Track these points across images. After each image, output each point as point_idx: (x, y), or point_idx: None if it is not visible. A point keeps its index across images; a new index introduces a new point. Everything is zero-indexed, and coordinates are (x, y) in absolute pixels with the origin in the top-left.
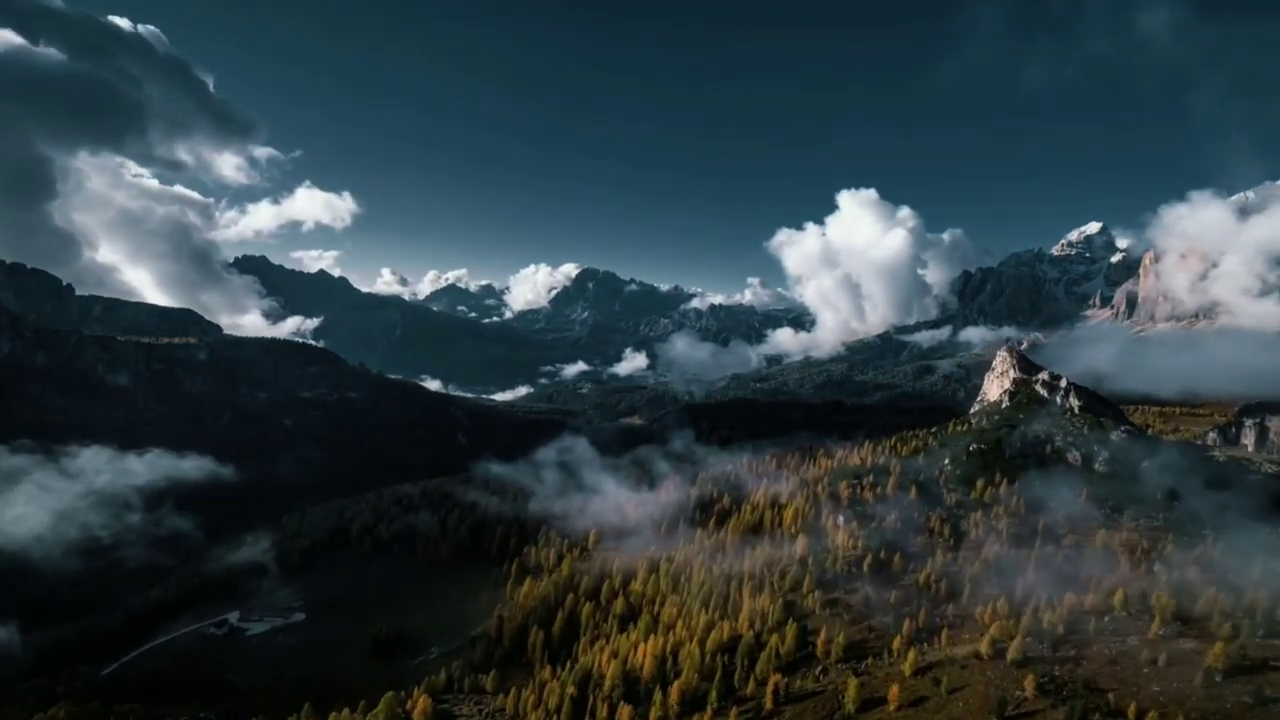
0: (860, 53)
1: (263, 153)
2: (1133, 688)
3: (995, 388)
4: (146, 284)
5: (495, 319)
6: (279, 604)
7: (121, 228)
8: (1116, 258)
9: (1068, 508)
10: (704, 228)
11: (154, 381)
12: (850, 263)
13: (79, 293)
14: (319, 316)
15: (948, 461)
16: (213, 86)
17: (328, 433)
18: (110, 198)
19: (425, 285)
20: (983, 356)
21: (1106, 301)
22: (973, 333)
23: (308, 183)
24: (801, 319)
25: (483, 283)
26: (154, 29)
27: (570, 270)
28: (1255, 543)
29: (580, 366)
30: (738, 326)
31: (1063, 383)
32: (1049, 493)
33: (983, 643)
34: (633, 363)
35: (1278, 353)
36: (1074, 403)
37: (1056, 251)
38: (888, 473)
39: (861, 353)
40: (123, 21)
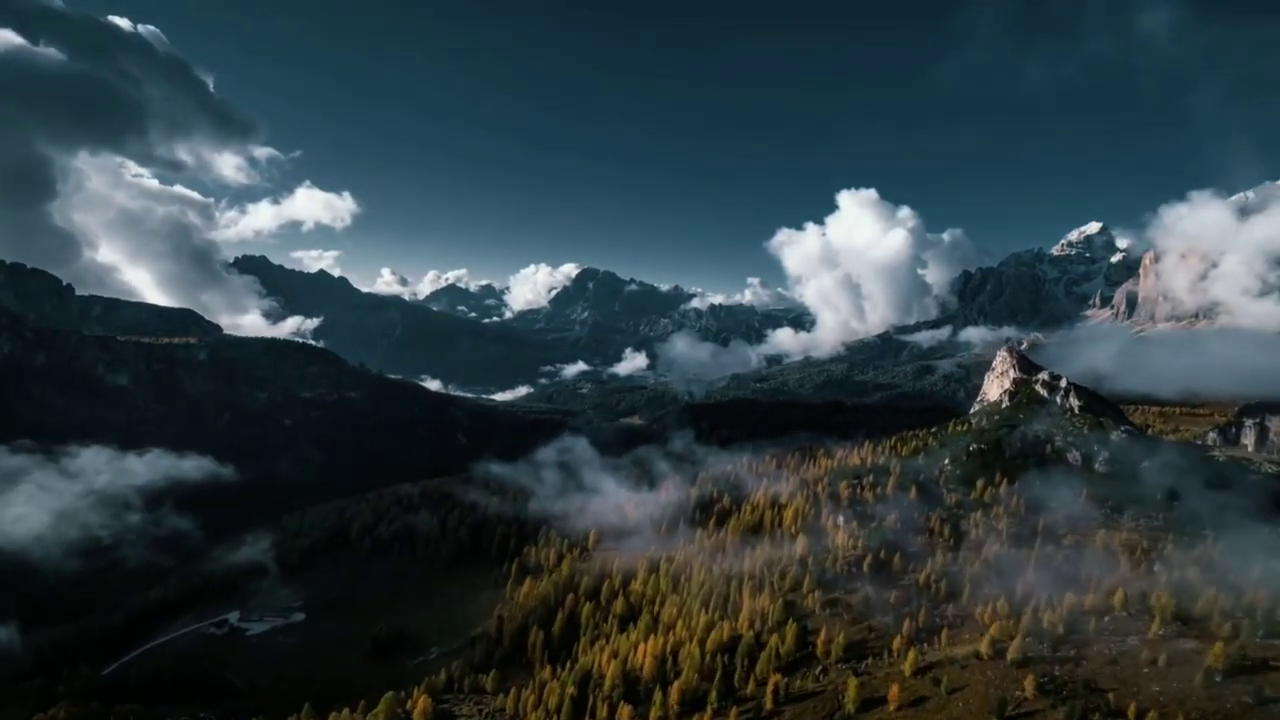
0: (860, 53)
1: (263, 153)
2: (1133, 688)
3: (995, 388)
4: (146, 284)
5: (495, 319)
6: (279, 604)
7: (121, 228)
8: (1116, 258)
9: (1068, 508)
10: (704, 228)
11: (154, 381)
12: (850, 263)
13: (79, 293)
14: (319, 316)
15: (948, 461)
16: (213, 86)
17: (328, 433)
18: (110, 198)
19: (425, 285)
20: (983, 356)
21: (1106, 301)
22: (973, 333)
23: (308, 183)
24: (801, 319)
25: (483, 283)
26: (154, 29)
27: (570, 270)
28: (1255, 543)
29: (580, 366)
30: (738, 326)
31: (1063, 383)
32: (1049, 493)
33: (983, 643)
34: (633, 363)
35: (1278, 353)
36: (1074, 403)
37: (1056, 251)
38: (888, 473)
39: (861, 353)
40: (123, 21)
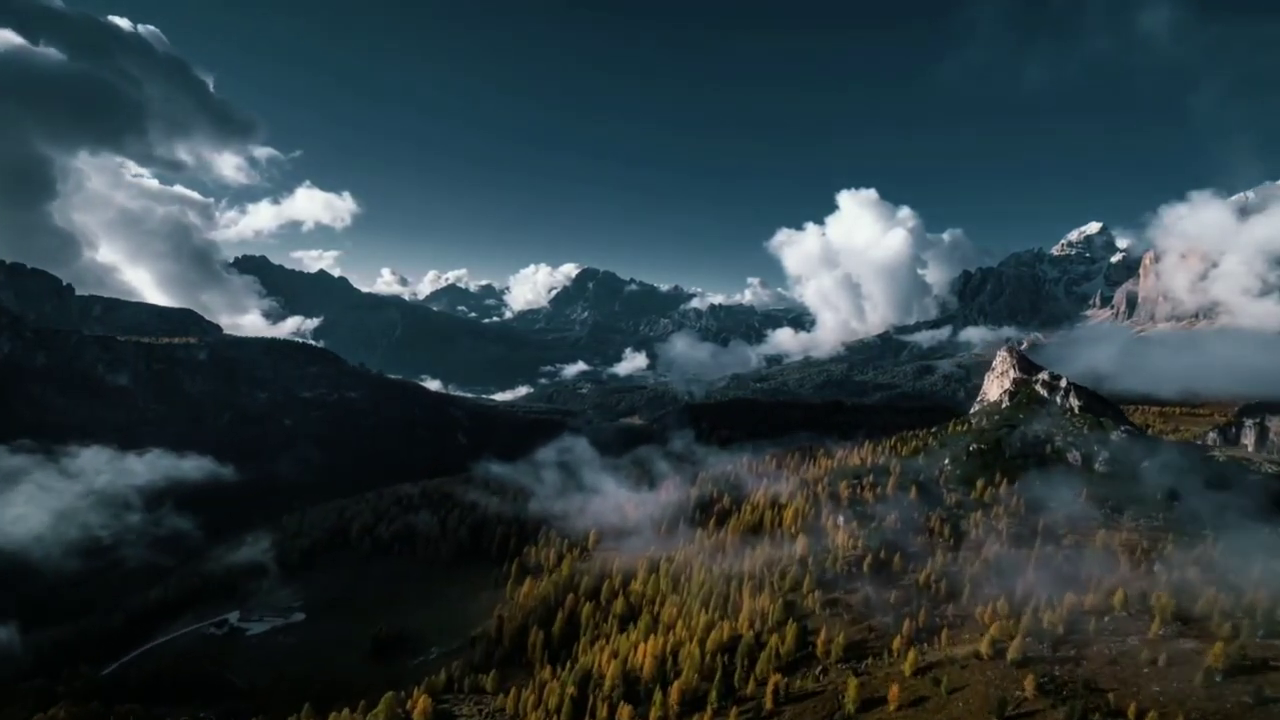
0: (860, 53)
1: (262, 153)
2: (1133, 688)
3: (995, 388)
4: (146, 284)
5: (495, 319)
6: (279, 604)
7: (121, 228)
8: (1116, 258)
9: (1068, 508)
10: (704, 228)
11: (154, 381)
12: (850, 263)
13: (79, 293)
14: (319, 316)
15: (948, 461)
16: (212, 86)
17: (328, 433)
18: (110, 198)
19: (425, 285)
20: (982, 356)
21: (1106, 301)
22: (973, 333)
23: (308, 183)
24: (801, 319)
25: (483, 283)
26: (154, 29)
27: (570, 270)
28: (1255, 543)
29: (580, 366)
30: (738, 326)
31: (1063, 383)
32: (1049, 493)
33: (983, 643)
34: (633, 363)
35: (1278, 353)
36: (1074, 403)
37: (1056, 251)
38: (888, 473)
39: (861, 353)
40: (122, 21)
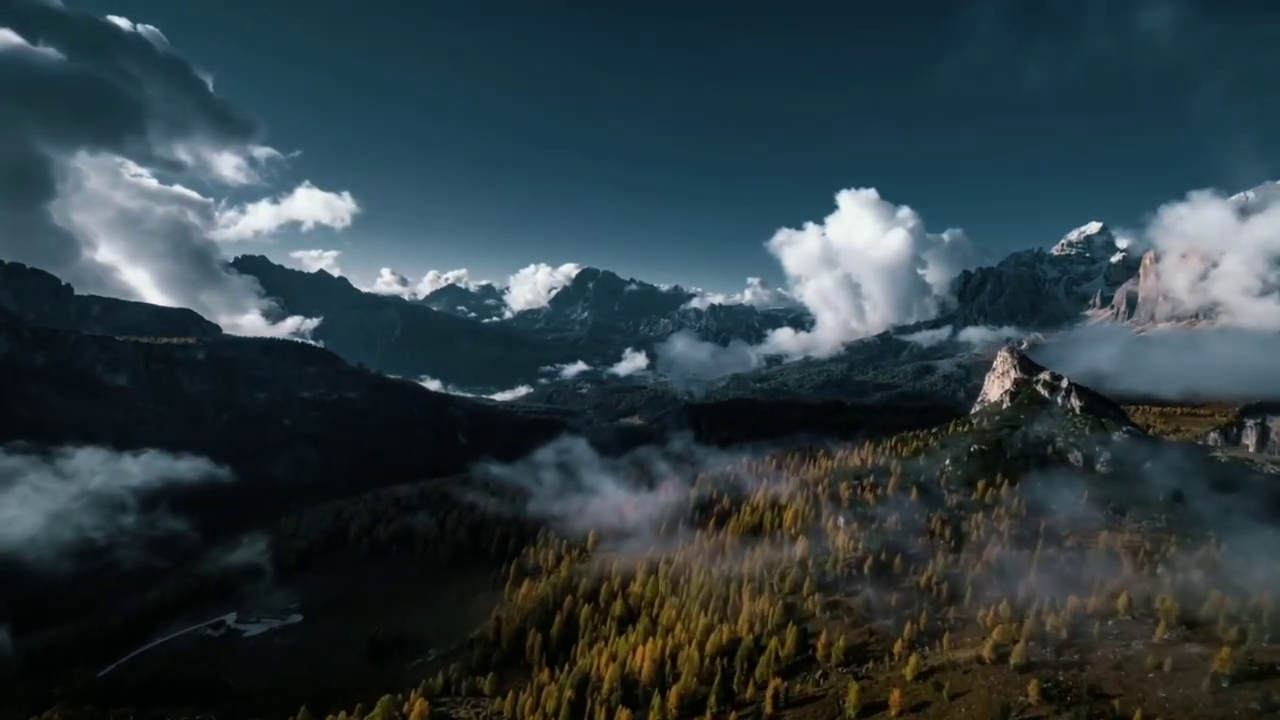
0: (860, 53)
1: (262, 153)
2: (1138, 694)
3: (996, 388)
4: (145, 284)
5: (495, 319)
6: (276, 605)
7: (120, 227)
8: (1116, 258)
9: (1069, 509)
10: (704, 228)
11: (152, 381)
12: (850, 263)
13: (78, 292)
14: (318, 316)
15: (949, 462)
16: (212, 86)
17: (326, 433)
18: (109, 197)
19: (425, 285)
20: (982, 356)
21: (1106, 301)
22: (973, 333)
23: (307, 183)
24: (801, 319)
25: (482, 283)
26: (153, 29)
27: (570, 270)
28: (1259, 545)
29: (580, 366)
30: (738, 326)
31: (1064, 383)
32: (1051, 494)
33: (985, 647)
34: (633, 363)
35: (1278, 353)
36: (1075, 403)
37: (1056, 251)
38: (888, 473)
39: (861, 353)
40: (122, 21)
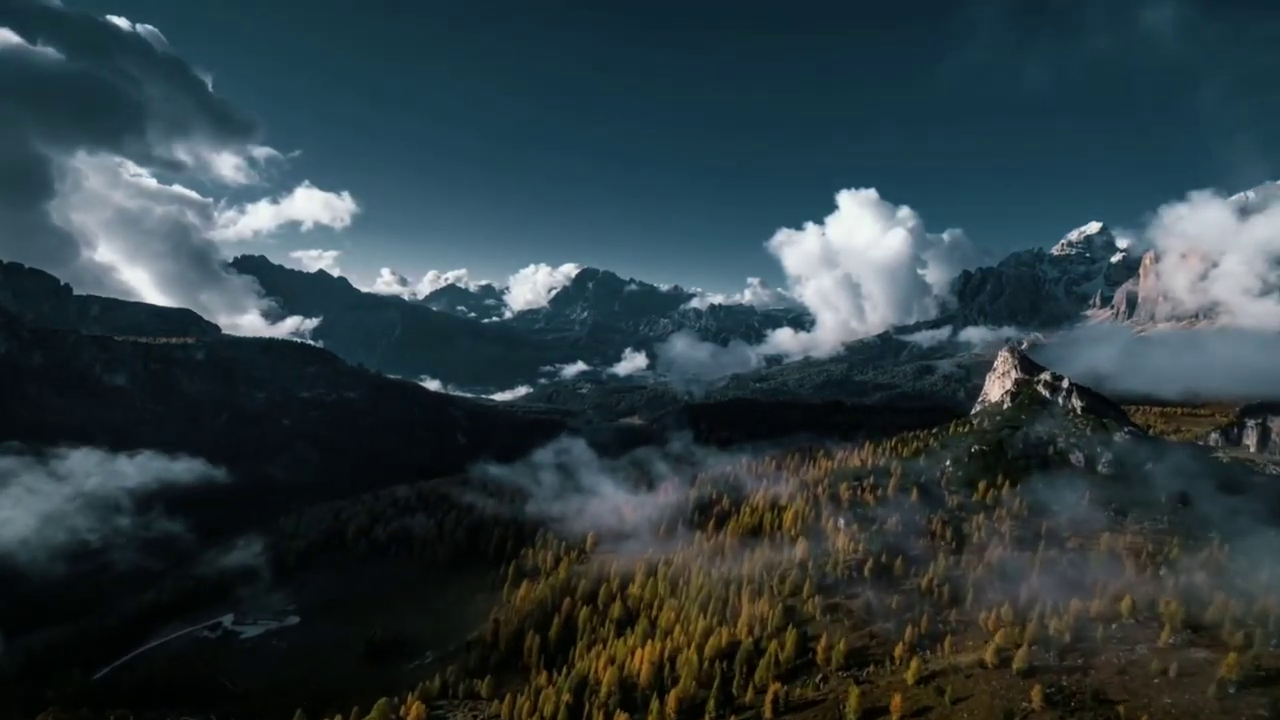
0: (860, 53)
1: (261, 152)
2: (1143, 699)
3: (996, 388)
4: (145, 284)
5: (495, 319)
6: (273, 607)
7: (120, 227)
8: (1116, 258)
9: (1071, 510)
10: (704, 228)
11: (151, 382)
12: (850, 263)
13: (77, 292)
14: (318, 316)
15: (949, 463)
16: (211, 86)
17: (326, 433)
18: (108, 197)
19: (425, 285)
20: (982, 356)
21: (1107, 301)
22: (973, 333)
23: (307, 182)
24: (801, 319)
25: (482, 283)
26: (152, 28)
27: (570, 270)
28: (1264, 547)
29: (580, 366)
30: (737, 326)
31: (1065, 383)
32: (1052, 495)
33: (987, 650)
34: (632, 363)
35: (1278, 353)
36: (1076, 403)
37: (1056, 251)
38: (888, 474)
39: (861, 353)
40: (121, 21)
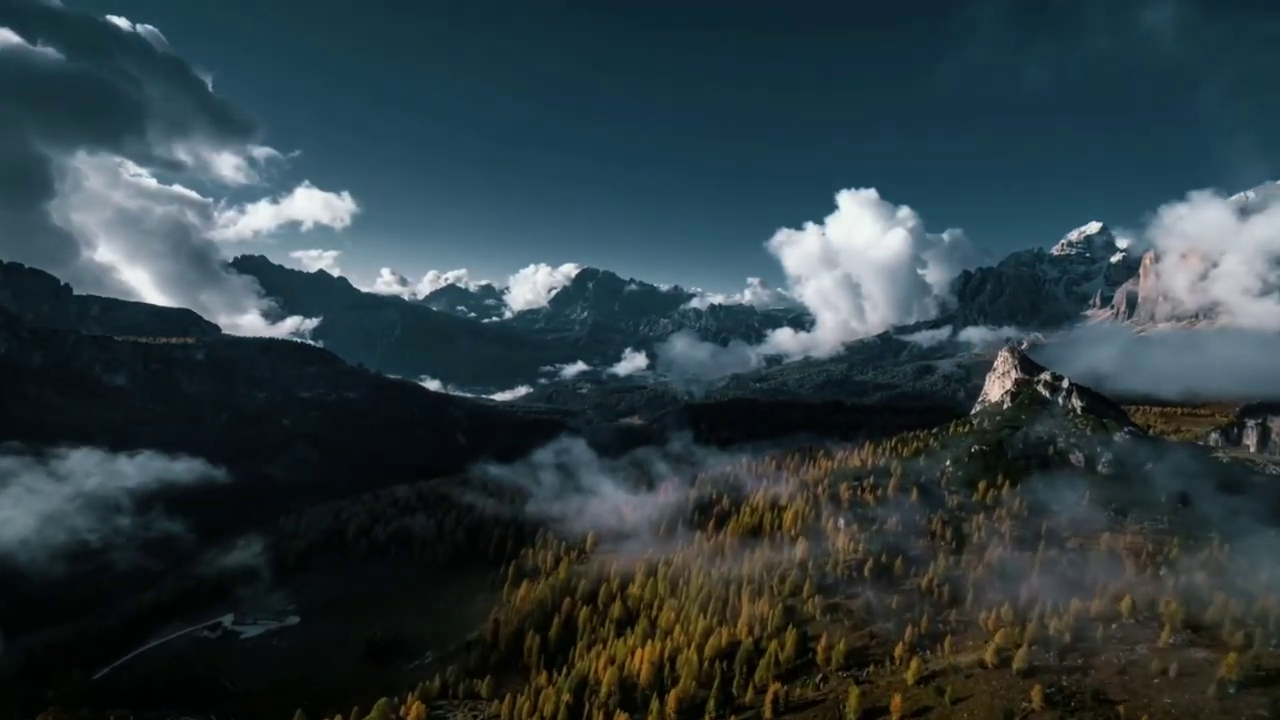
0: (860, 53)
1: (261, 152)
2: (1143, 699)
3: (996, 388)
4: (145, 284)
5: (495, 319)
6: (273, 607)
7: (120, 227)
8: (1116, 258)
9: (1071, 510)
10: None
11: (151, 382)
12: (850, 263)
13: (77, 292)
14: (318, 316)
15: (949, 463)
16: (211, 86)
17: (326, 433)
18: (108, 197)
19: (425, 285)
20: (982, 356)
21: (1107, 301)
22: (973, 333)
23: (307, 183)
24: (801, 319)
25: (482, 283)
26: (152, 28)
27: (570, 270)
28: (1264, 547)
29: (580, 366)
30: (737, 326)
31: (1065, 383)
32: (1052, 495)
33: (987, 651)
34: (632, 363)
35: (1278, 353)
36: (1076, 403)
37: (1056, 251)
38: (889, 474)
39: (861, 353)
40: (121, 21)
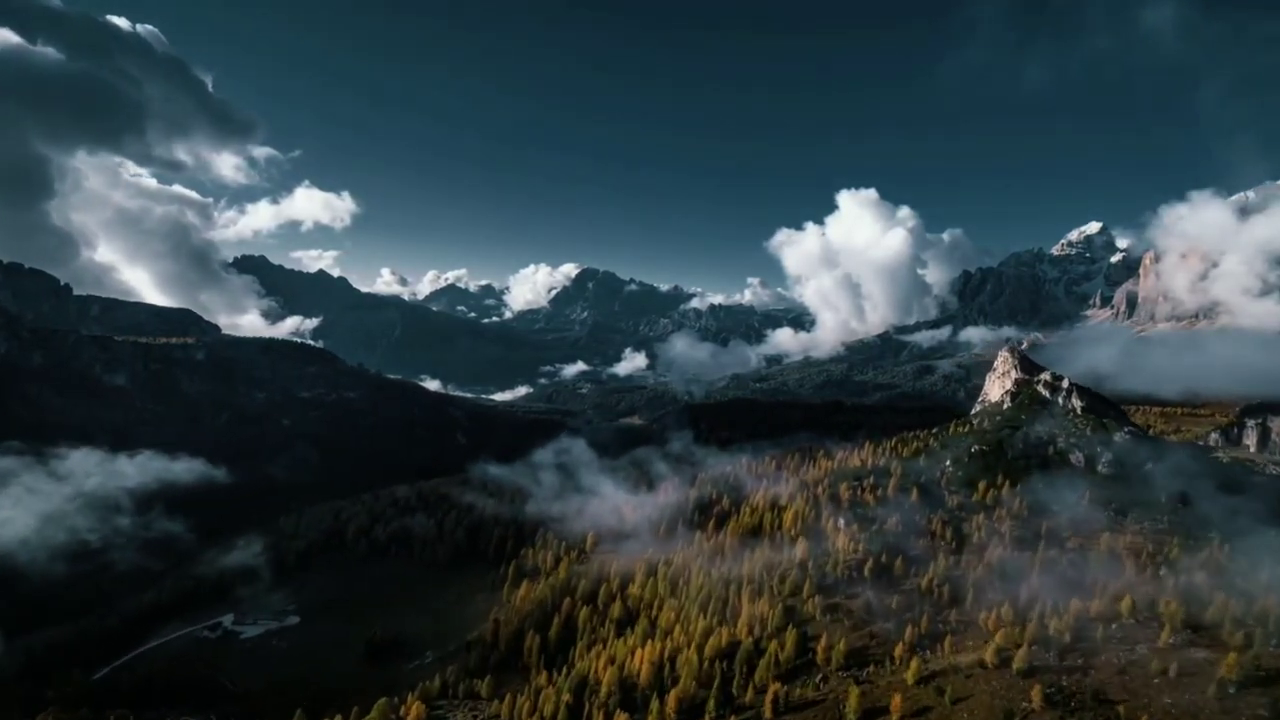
0: (860, 53)
1: (261, 152)
2: (1143, 699)
3: (996, 388)
4: (145, 284)
5: (495, 319)
6: (273, 607)
7: (120, 227)
8: (1116, 258)
9: (1071, 510)
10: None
11: (151, 382)
12: (850, 263)
13: (77, 292)
14: (318, 316)
15: (949, 463)
16: (211, 86)
17: (326, 433)
18: (108, 197)
19: (425, 285)
20: (982, 356)
21: (1107, 301)
22: (973, 333)
23: (307, 182)
24: (801, 319)
25: (482, 283)
26: (152, 28)
27: (570, 270)
28: (1264, 547)
29: (580, 366)
30: (737, 326)
31: (1065, 383)
32: (1052, 495)
33: (987, 651)
34: (632, 363)
35: (1278, 353)
36: (1076, 403)
37: (1056, 251)
38: (889, 474)
39: (861, 353)
40: (121, 21)
